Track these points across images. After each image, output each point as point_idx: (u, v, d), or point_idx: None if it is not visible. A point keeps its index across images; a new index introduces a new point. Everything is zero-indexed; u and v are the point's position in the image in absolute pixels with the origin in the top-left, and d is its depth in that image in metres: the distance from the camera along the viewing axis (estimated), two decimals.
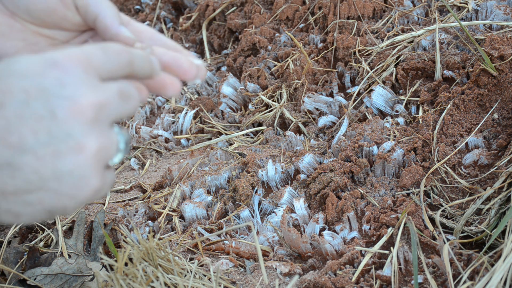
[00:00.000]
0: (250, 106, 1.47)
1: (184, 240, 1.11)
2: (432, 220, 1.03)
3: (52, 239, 1.14)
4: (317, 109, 1.38)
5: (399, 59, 1.33)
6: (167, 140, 1.48)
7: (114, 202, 1.26)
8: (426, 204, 1.05)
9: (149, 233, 1.14)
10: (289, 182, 1.23)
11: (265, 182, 1.21)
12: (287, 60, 1.45)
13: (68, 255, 1.08)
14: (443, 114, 1.17)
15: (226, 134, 1.41)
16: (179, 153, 1.41)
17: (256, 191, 1.18)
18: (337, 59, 1.46)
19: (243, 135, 1.40)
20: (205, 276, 0.98)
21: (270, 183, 1.21)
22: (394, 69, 1.32)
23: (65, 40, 0.66)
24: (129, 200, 1.28)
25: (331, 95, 1.41)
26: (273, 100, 1.45)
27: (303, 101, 1.37)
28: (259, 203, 1.17)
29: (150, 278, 0.83)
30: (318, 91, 1.41)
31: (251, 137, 1.41)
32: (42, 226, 1.17)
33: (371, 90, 1.31)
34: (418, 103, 1.26)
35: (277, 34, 1.60)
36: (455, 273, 0.91)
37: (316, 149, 1.27)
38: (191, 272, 0.93)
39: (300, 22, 1.59)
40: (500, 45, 1.17)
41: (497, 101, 1.17)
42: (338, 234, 1.05)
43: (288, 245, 1.06)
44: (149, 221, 1.18)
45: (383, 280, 0.94)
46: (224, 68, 1.68)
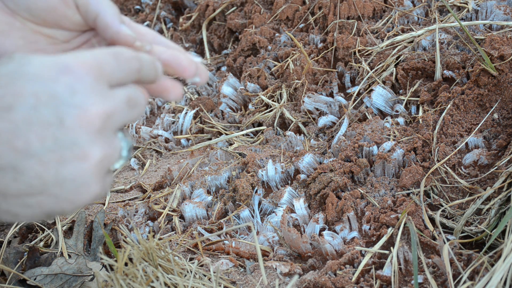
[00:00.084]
0: (250, 106, 1.47)
1: (184, 240, 1.11)
2: (432, 220, 1.03)
3: (52, 239, 1.14)
4: (317, 109, 1.38)
5: (399, 59, 1.33)
6: (167, 140, 1.48)
7: (114, 202, 1.26)
8: (426, 204, 1.05)
9: (149, 233, 1.14)
10: (289, 182, 1.23)
11: (265, 182, 1.21)
12: (287, 60, 1.45)
13: (68, 255, 1.08)
14: (443, 114, 1.17)
15: (226, 134, 1.41)
16: (179, 153, 1.41)
17: (256, 191, 1.18)
18: (337, 59, 1.46)
19: (243, 135, 1.40)
20: (205, 276, 0.98)
21: (270, 183, 1.21)
22: (394, 69, 1.32)
23: (65, 39, 0.66)
24: (129, 200, 1.28)
25: (331, 95, 1.41)
26: (273, 100, 1.45)
27: (303, 101, 1.37)
28: (259, 203, 1.17)
29: (150, 278, 0.83)
30: (318, 91, 1.41)
31: (251, 137, 1.41)
32: (42, 226, 1.17)
33: (371, 90, 1.31)
34: (418, 103, 1.26)
35: (277, 34, 1.60)
36: (455, 273, 0.91)
37: (316, 149, 1.27)
38: (191, 272, 0.93)
39: (300, 22, 1.59)
40: (500, 45, 1.17)
41: (497, 101, 1.17)
42: (338, 234, 1.05)
43: (288, 245, 1.06)
44: (149, 221, 1.18)
45: (383, 280, 0.94)
46: (224, 68, 1.68)
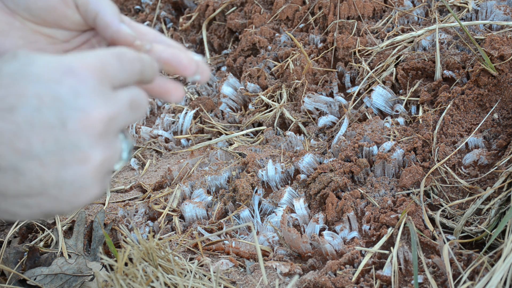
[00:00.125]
0: (250, 106, 1.47)
1: (184, 240, 1.11)
2: (432, 220, 1.03)
3: (52, 239, 1.14)
4: (317, 109, 1.38)
5: (399, 59, 1.33)
6: (167, 140, 1.48)
7: (114, 202, 1.26)
8: (426, 204, 1.05)
9: (149, 233, 1.14)
10: (289, 182, 1.23)
11: (265, 182, 1.21)
12: (287, 60, 1.45)
13: (68, 255, 1.08)
14: (443, 114, 1.17)
15: (226, 134, 1.41)
16: (179, 153, 1.41)
17: (256, 191, 1.18)
18: (337, 59, 1.46)
19: (243, 135, 1.40)
20: (205, 276, 0.98)
21: (270, 183, 1.21)
22: (394, 69, 1.32)
23: (65, 39, 0.66)
24: (129, 200, 1.28)
25: (331, 95, 1.41)
26: (273, 100, 1.45)
27: (303, 101, 1.37)
28: (259, 203, 1.17)
29: (150, 278, 0.83)
30: (318, 91, 1.41)
31: (251, 137, 1.41)
32: (42, 226, 1.17)
33: (371, 90, 1.31)
34: (418, 103, 1.26)
35: (277, 34, 1.60)
36: (455, 273, 0.91)
37: (316, 149, 1.27)
38: (191, 272, 0.93)
39: (300, 22, 1.59)
40: (500, 45, 1.17)
41: (497, 101, 1.17)
42: (338, 234, 1.05)
43: (288, 245, 1.06)
44: (149, 221, 1.18)
45: (383, 280, 0.94)
46: (224, 68, 1.68)
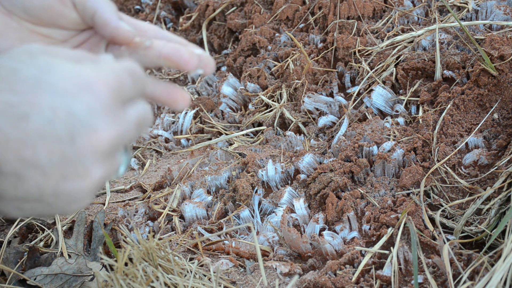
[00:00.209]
0: (250, 106, 1.47)
1: (184, 240, 1.11)
2: (432, 220, 1.03)
3: (52, 239, 1.14)
4: (317, 109, 1.38)
5: (399, 59, 1.33)
6: (167, 140, 1.48)
7: (114, 202, 1.26)
8: (426, 204, 1.05)
9: (149, 233, 1.14)
10: (289, 182, 1.23)
11: (265, 182, 1.21)
12: (287, 60, 1.45)
13: (68, 255, 1.08)
14: (443, 114, 1.17)
15: (226, 134, 1.41)
16: (179, 153, 1.41)
17: (256, 191, 1.18)
18: (337, 59, 1.46)
19: (243, 135, 1.40)
20: (205, 276, 0.98)
21: (270, 183, 1.21)
22: (394, 69, 1.32)
23: (63, 39, 0.65)
24: (129, 200, 1.28)
25: (331, 95, 1.41)
26: (273, 100, 1.45)
27: (303, 101, 1.37)
28: (259, 203, 1.17)
29: (150, 278, 0.83)
30: (318, 91, 1.41)
31: (251, 137, 1.41)
32: (42, 226, 1.17)
33: (371, 90, 1.31)
34: (418, 103, 1.26)
35: (277, 34, 1.60)
36: (455, 273, 0.91)
37: (316, 149, 1.27)
38: (191, 272, 0.93)
39: (300, 22, 1.59)
40: (500, 45, 1.17)
41: (497, 101, 1.17)
42: (338, 234, 1.05)
43: (288, 245, 1.06)
44: (149, 221, 1.18)
45: (383, 280, 0.94)
46: (224, 68, 1.68)
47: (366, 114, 1.29)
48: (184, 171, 1.30)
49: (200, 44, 1.82)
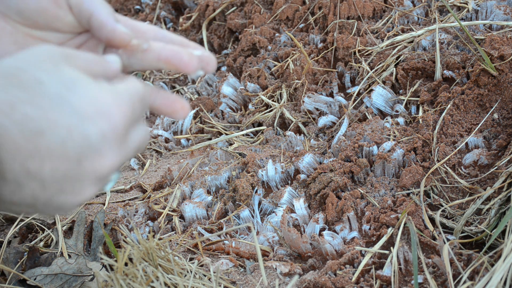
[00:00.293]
0: (250, 106, 1.47)
1: (184, 240, 1.11)
2: (432, 220, 1.03)
3: (52, 239, 1.14)
4: (317, 109, 1.38)
5: (399, 59, 1.33)
6: (167, 140, 1.48)
7: (114, 202, 1.26)
8: (426, 204, 1.05)
9: (149, 233, 1.14)
10: (289, 182, 1.23)
11: (265, 182, 1.21)
12: (287, 60, 1.45)
13: (68, 255, 1.08)
14: (443, 114, 1.17)
15: (226, 134, 1.41)
16: (179, 153, 1.41)
17: (256, 191, 1.18)
18: (337, 59, 1.46)
19: (243, 135, 1.40)
20: (205, 276, 0.98)
21: (270, 183, 1.21)
22: (394, 69, 1.32)
23: (59, 42, 0.64)
24: (129, 200, 1.28)
25: (331, 95, 1.41)
26: (273, 100, 1.45)
27: (303, 101, 1.37)
28: (259, 203, 1.17)
29: (150, 278, 0.83)
30: (318, 91, 1.41)
31: (251, 137, 1.41)
32: (42, 226, 1.17)
33: (371, 90, 1.31)
34: (418, 103, 1.26)
35: (277, 34, 1.60)
36: (455, 273, 0.91)
37: (316, 149, 1.27)
38: (191, 272, 0.93)
39: (300, 22, 1.59)
40: (500, 45, 1.17)
41: (497, 101, 1.17)
42: (338, 234, 1.05)
43: (288, 245, 1.06)
44: (149, 221, 1.18)
45: (383, 280, 0.94)
46: (224, 68, 1.68)
47: (366, 114, 1.29)
48: (184, 171, 1.30)
49: (200, 44, 1.82)
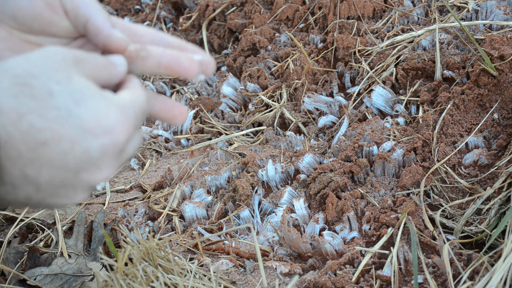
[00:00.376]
0: (250, 106, 1.47)
1: (184, 240, 1.11)
2: (432, 220, 1.03)
3: (52, 239, 1.14)
4: (317, 109, 1.38)
5: (399, 59, 1.33)
6: (167, 140, 1.48)
7: (114, 202, 1.26)
8: (426, 204, 1.05)
9: (149, 233, 1.14)
10: (289, 182, 1.23)
11: (265, 182, 1.21)
12: (287, 60, 1.45)
13: (68, 255, 1.08)
14: (443, 114, 1.17)
15: (226, 134, 1.41)
16: (179, 153, 1.41)
17: (256, 191, 1.18)
18: (337, 59, 1.46)
19: (243, 135, 1.40)
20: (205, 276, 0.98)
21: (270, 183, 1.21)
22: (394, 69, 1.32)
23: None
24: (129, 200, 1.28)
25: (331, 95, 1.41)
26: (273, 100, 1.45)
27: (303, 101, 1.37)
28: (259, 203, 1.17)
29: (150, 278, 0.83)
30: (318, 91, 1.41)
31: (251, 137, 1.41)
32: (42, 226, 1.17)
33: (371, 90, 1.31)
34: (418, 103, 1.26)
35: (277, 34, 1.60)
36: (455, 273, 0.91)
37: (316, 149, 1.27)
38: (191, 272, 0.93)
39: (300, 22, 1.59)
40: (500, 45, 1.17)
41: (497, 101, 1.17)
42: (338, 234, 1.05)
43: (288, 245, 1.06)
44: (149, 221, 1.18)
45: (383, 280, 0.94)
46: (224, 68, 1.68)
47: (366, 114, 1.29)
48: (184, 171, 1.30)
49: (200, 44, 1.82)
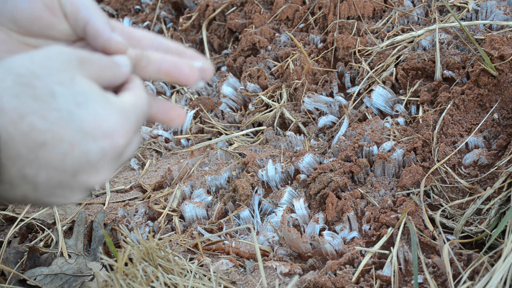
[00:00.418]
0: (250, 106, 1.47)
1: (184, 240, 1.11)
2: (432, 220, 1.03)
3: (52, 239, 1.14)
4: (317, 109, 1.38)
5: (399, 59, 1.33)
6: (167, 140, 1.48)
7: (114, 202, 1.26)
8: (426, 204, 1.05)
9: (149, 233, 1.14)
10: (289, 182, 1.23)
11: (265, 182, 1.21)
12: (287, 60, 1.45)
13: (68, 255, 1.08)
14: (443, 114, 1.17)
15: (226, 134, 1.41)
16: (179, 153, 1.41)
17: (256, 191, 1.18)
18: (337, 59, 1.46)
19: (243, 135, 1.40)
20: (205, 276, 0.98)
21: (270, 183, 1.21)
22: (394, 69, 1.32)
23: None
24: (129, 200, 1.28)
25: (331, 95, 1.41)
26: (273, 100, 1.45)
27: (303, 101, 1.37)
28: (259, 203, 1.17)
29: (150, 278, 0.83)
30: (318, 91, 1.41)
31: (251, 137, 1.41)
32: (42, 226, 1.17)
33: (371, 90, 1.31)
34: (418, 103, 1.26)
35: (277, 34, 1.60)
36: (455, 273, 0.91)
37: (316, 149, 1.27)
38: (191, 272, 0.93)
39: (300, 22, 1.59)
40: (500, 45, 1.17)
41: (497, 101, 1.17)
42: (338, 234, 1.05)
43: (288, 245, 1.06)
44: (149, 221, 1.18)
45: (383, 280, 0.94)
46: (224, 68, 1.68)
47: (366, 114, 1.29)
48: (184, 171, 1.30)
49: (200, 44, 1.82)
